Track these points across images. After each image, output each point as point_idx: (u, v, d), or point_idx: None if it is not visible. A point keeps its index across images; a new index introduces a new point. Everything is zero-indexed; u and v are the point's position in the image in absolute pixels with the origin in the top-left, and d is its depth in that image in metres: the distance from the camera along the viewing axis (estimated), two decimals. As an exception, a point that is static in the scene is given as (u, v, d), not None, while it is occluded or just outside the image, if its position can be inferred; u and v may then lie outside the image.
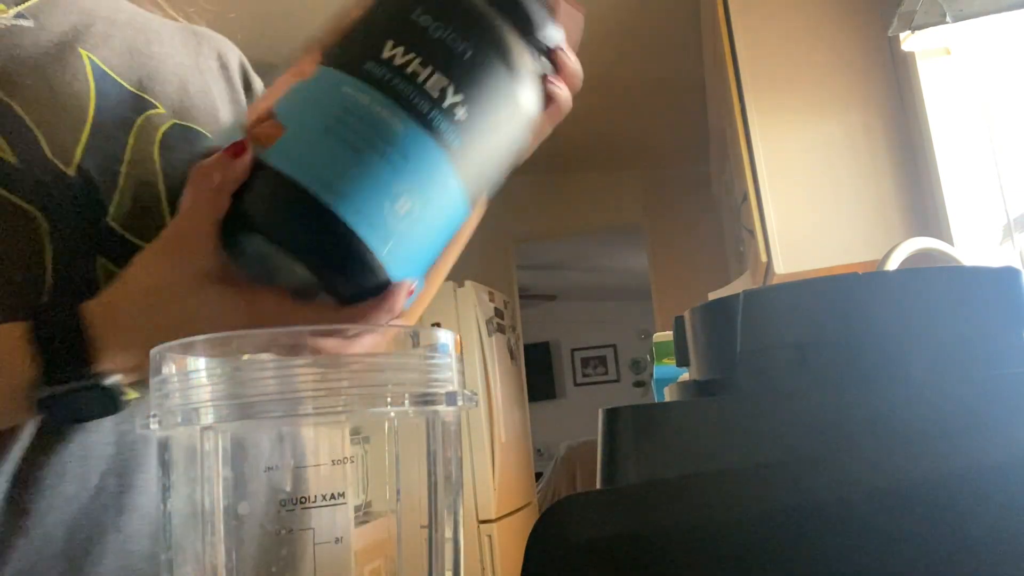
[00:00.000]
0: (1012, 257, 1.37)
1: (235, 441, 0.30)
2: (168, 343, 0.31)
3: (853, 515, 0.29)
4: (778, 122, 1.69)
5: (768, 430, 0.34)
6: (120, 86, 0.58)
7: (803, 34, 1.72)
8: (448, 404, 0.32)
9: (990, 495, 0.29)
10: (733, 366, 0.39)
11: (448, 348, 0.33)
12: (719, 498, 0.30)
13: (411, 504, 0.32)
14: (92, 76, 0.57)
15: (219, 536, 0.29)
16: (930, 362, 0.36)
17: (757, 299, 0.39)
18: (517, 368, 3.97)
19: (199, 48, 0.68)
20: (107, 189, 0.54)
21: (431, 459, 0.32)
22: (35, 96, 0.53)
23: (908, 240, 0.84)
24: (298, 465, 0.31)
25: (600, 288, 6.87)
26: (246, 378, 0.29)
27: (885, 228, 1.60)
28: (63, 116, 0.53)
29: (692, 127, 3.49)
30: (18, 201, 0.49)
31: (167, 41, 0.65)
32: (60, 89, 0.54)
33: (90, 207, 0.52)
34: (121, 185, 0.54)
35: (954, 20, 1.20)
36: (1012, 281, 0.38)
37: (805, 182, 1.65)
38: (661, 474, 0.35)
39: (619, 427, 0.39)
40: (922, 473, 0.30)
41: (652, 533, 0.30)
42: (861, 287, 0.38)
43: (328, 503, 0.31)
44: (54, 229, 0.50)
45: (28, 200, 0.50)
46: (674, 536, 0.29)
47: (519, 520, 3.60)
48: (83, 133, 0.54)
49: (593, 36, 2.34)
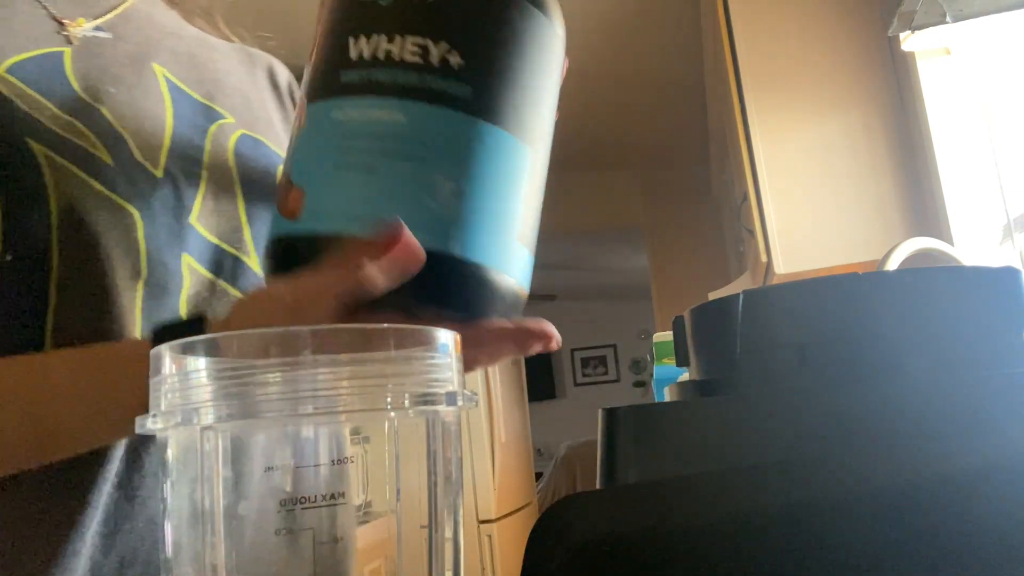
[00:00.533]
0: (1012, 257, 1.37)
1: (235, 441, 0.30)
2: (168, 343, 0.31)
3: (853, 515, 0.29)
4: (778, 122, 1.69)
5: (768, 430, 0.34)
6: (191, 97, 0.62)
7: (803, 34, 1.72)
8: (448, 404, 0.32)
9: (990, 495, 0.29)
10: (733, 366, 0.39)
11: (448, 348, 0.33)
12: (719, 498, 0.30)
13: (411, 504, 0.32)
14: (167, 88, 0.60)
15: (219, 536, 0.29)
16: (930, 362, 0.36)
17: (757, 299, 0.39)
18: (517, 368, 3.97)
19: (253, 67, 0.72)
20: (190, 191, 0.56)
21: (431, 459, 0.32)
22: (118, 103, 0.56)
23: (908, 240, 0.84)
24: (298, 465, 0.31)
25: (600, 288, 6.87)
26: (246, 378, 0.29)
27: (885, 228, 1.60)
28: (145, 123, 0.56)
29: (692, 127, 3.49)
30: (117, 199, 0.52)
31: (226, 59, 0.69)
32: (139, 98, 0.58)
33: (177, 207, 0.55)
34: (202, 188, 0.57)
35: (954, 20, 1.20)
36: (1012, 281, 0.38)
37: (805, 182, 1.65)
38: (661, 474, 0.35)
39: (619, 427, 0.39)
40: (922, 473, 0.30)
41: (652, 533, 0.30)
42: (861, 287, 0.38)
43: (328, 503, 0.31)
44: (147, 227, 0.53)
45: (125, 198, 0.52)
46: (674, 536, 0.30)
47: (519, 520, 3.60)
48: (165, 138, 0.57)
49: (593, 36, 2.36)
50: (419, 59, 0.39)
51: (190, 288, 0.55)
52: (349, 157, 0.39)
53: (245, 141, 0.62)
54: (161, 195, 0.55)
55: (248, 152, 0.62)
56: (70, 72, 0.55)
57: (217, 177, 0.59)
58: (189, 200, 0.56)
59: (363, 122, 0.40)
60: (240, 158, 0.61)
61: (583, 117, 3.38)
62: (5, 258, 0.48)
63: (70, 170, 0.51)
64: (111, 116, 0.55)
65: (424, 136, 0.39)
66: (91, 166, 0.52)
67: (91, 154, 0.52)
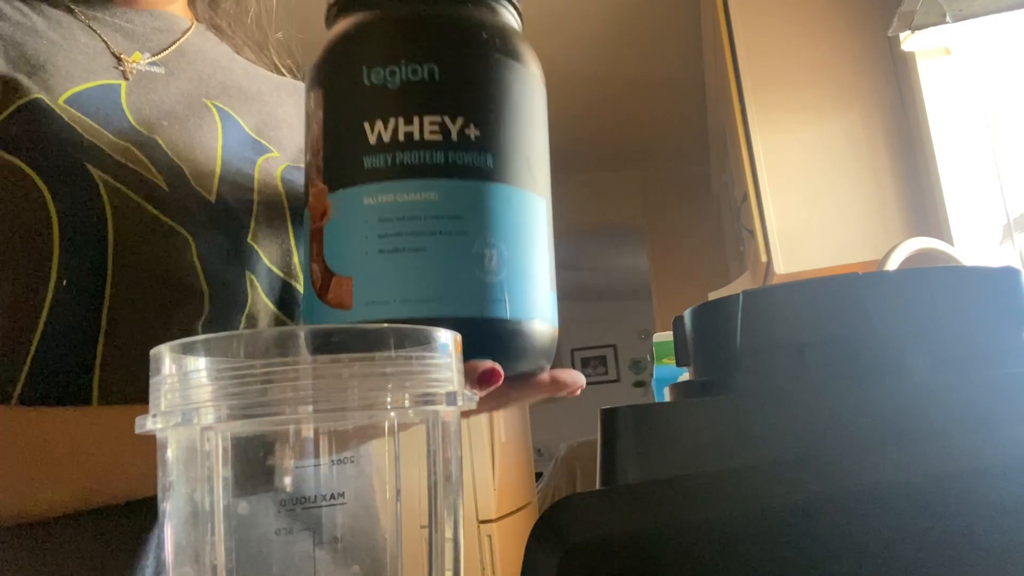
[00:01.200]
0: (1012, 257, 1.37)
1: (235, 441, 0.30)
2: (168, 343, 0.31)
3: (853, 514, 0.29)
4: (778, 122, 1.69)
5: (768, 430, 0.34)
6: (242, 130, 0.64)
7: (803, 34, 1.72)
8: (448, 404, 0.32)
9: (990, 495, 0.29)
10: (733, 366, 0.39)
11: (448, 348, 0.33)
12: (719, 498, 0.30)
13: (411, 504, 0.32)
14: (219, 118, 0.62)
15: (219, 536, 0.29)
16: (930, 362, 0.36)
17: (757, 299, 0.39)
18: (517, 368, 3.96)
19: (300, 100, 0.73)
20: (244, 215, 0.58)
21: (431, 459, 0.32)
22: (172, 136, 0.58)
23: (908, 240, 0.84)
24: (298, 465, 0.31)
25: (600, 288, 6.87)
26: (246, 378, 0.29)
27: (885, 228, 1.60)
28: (197, 152, 0.58)
29: (692, 127, 3.49)
30: (170, 222, 0.53)
31: (275, 92, 0.71)
32: (192, 130, 0.60)
33: (233, 229, 0.57)
34: (255, 212, 0.59)
35: (954, 20, 1.20)
36: (1012, 281, 0.38)
37: (805, 182, 1.65)
38: (661, 474, 0.35)
39: (619, 427, 0.39)
40: (922, 473, 0.30)
41: (652, 533, 0.30)
42: (861, 287, 0.38)
43: (328, 503, 0.31)
44: (200, 247, 0.54)
45: (178, 222, 0.53)
46: (674, 536, 0.30)
47: (519, 520, 3.60)
48: (216, 166, 0.59)
49: (593, 36, 2.36)
50: (440, 137, 0.41)
51: (252, 306, 0.56)
52: (393, 242, 0.40)
53: (291, 172, 0.64)
54: (216, 219, 0.56)
55: (295, 179, 0.63)
56: (126, 105, 0.57)
57: (267, 203, 0.60)
58: (244, 222, 0.58)
59: (399, 205, 0.41)
60: (288, 185, 0.62)
61: (583, 117, 3.38)
62: (61, 284, 0.48)
63: (128, 195, 0.52)
64: (166, 147, 0.56)
65: (459, 210, 0.41)
66: (147, 191, 0.53)
67: (147, 180, 0.53)
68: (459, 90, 0.42)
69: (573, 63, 2.93)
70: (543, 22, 2.57)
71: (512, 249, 0.42)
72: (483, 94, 0.43)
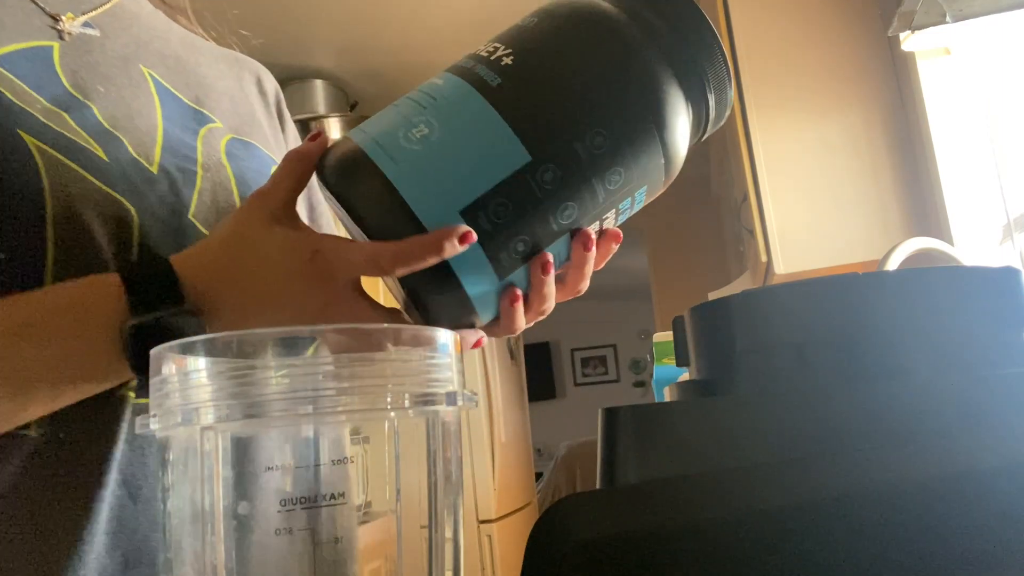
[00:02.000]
0: (1012, 257, 1.37)
1: (235, 441, 0.30)
2: (168, 343, 0.31)
3: (852, 515, 0.29)
4: (778, 122, 1.69)
5: (768, 430, 0.34)
6: (180, 100, 0.62)
7: (803, 34, 1.72)
8: (448, 404, 0.32)
9: (990, 495, 0.29)
10: (733, 366, 0.39)
11: (448, 348, 0.33)
12: (719, 498, 0.30)
13: (411, 504, 0.32)
14: (155, 89, 0.60)
15: (219, 536, 0.29)
16: (930, 362, 0.36)
17: (757, 299, 0.39)
18: (517, 368, 3.97)
19: (240, 72, 0.72)
20: (187, 188, 0.56)
21: (431, 459, 0.32)
22: (109, 102, 0.56)
23: (908, 240, 0.84)
24: (298, 465, 0.31)
25: (600, 288, 6.86)
26: (246, 378, 0.29)
27: (885, 228, 1.60)
28: (137, 121, 0.56)
29: (692, 127, 3.48)
30: (113, 194, 0.51)
31: (214, 63, 0.69)
32: (128, 98, 0.57)
33: (174, 204, 0.55)
34: (199, 185, 0.57)
35: (954, 20, 1.20)
36: (1012, 281, 0.38)
37: (805, 182, 1.65)
38: (661, 474, 0.35)
39: (619, 427, 0.39)
40: (922, 473, 0.30)
41: (652, 533, 0.30)
42: (861, 287, 0.38)
43: (328, 503, 0.31)
44: (144, 221, 0.52)
45: (121, 194, 0.52)
46: (674, 536, 0.29)
47: (519, 520, 3.60)
48: (158, 136, 0.57)
49: (593, 36, 2.28)
50: (484, 53, 0.47)
51: None
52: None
53: (235, 144, 0.62)
54: (158, 191, 0.54)
55: (240, 153, 0.62)
56: (59, 67, 0.55)
57: (213, 176, 0.58)
58: (187, 197, 0.56)
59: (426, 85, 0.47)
60: (233, 158, 0.61)
61: (583, 117, 3.35)
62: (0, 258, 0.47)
63: (65, 164, 0.50)
64: (101, 116, 0.54)
65: (439, 94, 0.45)
66: (86, 161, 0.51)
67: (84, 148, 0.51)
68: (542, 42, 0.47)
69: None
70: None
71: (444, 141, 0.44)
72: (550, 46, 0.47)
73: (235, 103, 0.67)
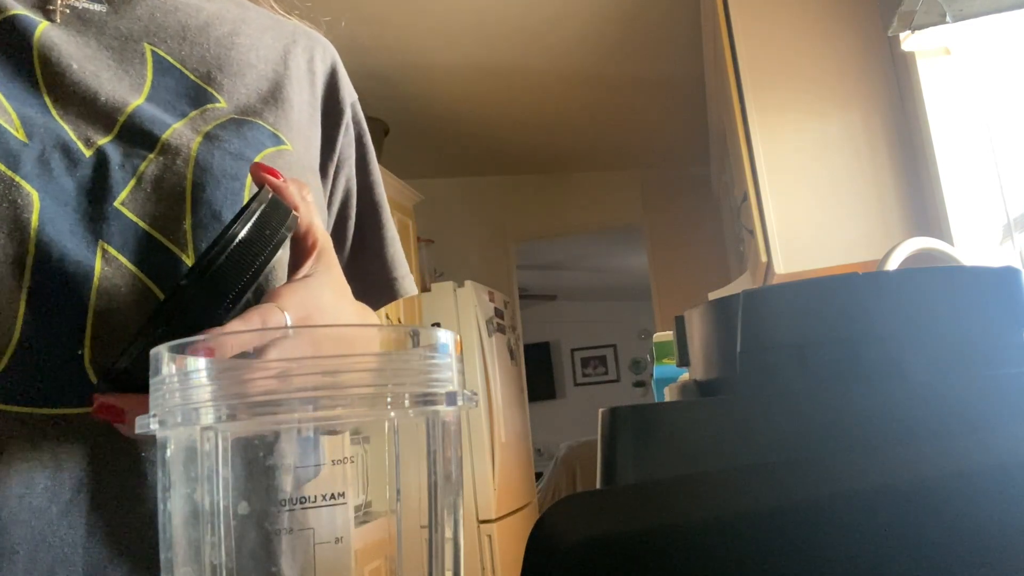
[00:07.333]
0: (1012, 257, 1.37)
1: (235, 441, 0.30)
2: (168, 343, 0.31)
3: (853, 515, 0.29)
4: (778, 121, 1.69)
5: (768, 430, 0.34)
6: (183, 77, 0.59)
7: (803, 34, 1.72)
8: (448, 404, 0.32)
9: (990, 495, 0.29)
10: (733, 366, 0.39)
11: (448, 348, 0.33)
12: (719, 498, 0.30)
13: (411, 504, 0.32)
14: (152, 69, 0.58)
15: (219, 536, 0.29)
16: (930, 362, 0.36)
17: (757, 299, 0.39)
18: (517, 368, 3.97)
19: (289, 46, 0.68)
20: (124, 173, 0.53)
21: (431, 459, 0.32)
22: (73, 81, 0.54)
23: (908, 240, 0.84)
24: (298, 465, 0.31)
25: (600, 288, 6.87)
26: (246, 378, 0.29)
27: (885, 228, 1.60)
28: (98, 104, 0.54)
29: (692, 127, 3.49)
30: (15, 177, 0.49)
31: (257, 34, 0.66)
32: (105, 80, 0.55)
33: (96, 190, 0.52)
34: (141, 170, 0.53)
35: (954, 20, 1.20)
36: (1012, 281, 0.38)
37: (805, 182, 1.65)
38: (661, 474, 0.35)
39: (619, 427, 0.39)
40: (922, 473, 0.30)
41: (652, 533, 0.30)
42: (861, 287, 0.38)
43: (328, 503, 0.31)
44: (46, 208, 0.49)
45: (25, 177, 0.49)
46: (674, 536, 0.29)
47: (519, 520, 3.60)
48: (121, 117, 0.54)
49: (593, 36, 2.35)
50: None
51: (105, 279, 0.51)
52: None
53: (228, 125, 0.58)
54: (79, 175, 0.51)
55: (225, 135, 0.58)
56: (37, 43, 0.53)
57: (167, 160, 0.54)
58: (117, 182, 0.52)
59: None
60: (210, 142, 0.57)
61: (583, 117, 3.38)
62: None
63: None
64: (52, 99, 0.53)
65: None
66: None
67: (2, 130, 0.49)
68: None
69: (573, 63, 2.93)
70: (544, 22, 2.57)
71: None
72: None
73: (260, 78, 0.63)
